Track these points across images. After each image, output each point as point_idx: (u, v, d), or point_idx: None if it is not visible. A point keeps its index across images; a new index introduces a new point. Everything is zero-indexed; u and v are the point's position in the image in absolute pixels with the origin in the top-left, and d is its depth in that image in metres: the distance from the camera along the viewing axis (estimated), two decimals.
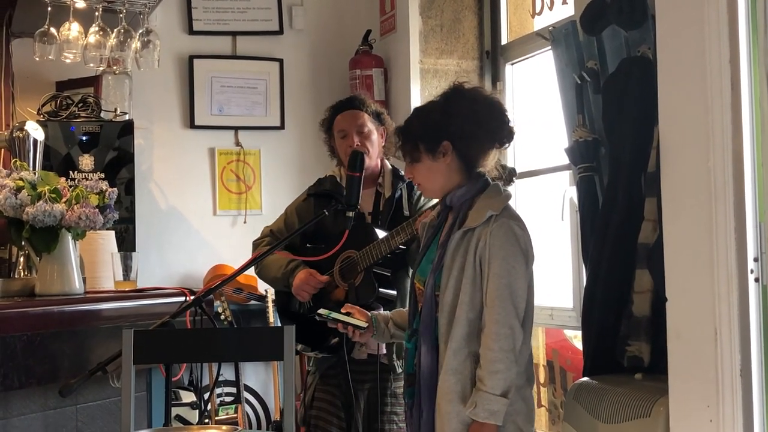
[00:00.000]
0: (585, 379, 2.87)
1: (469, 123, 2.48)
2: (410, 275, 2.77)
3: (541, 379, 4.11)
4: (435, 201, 2.73)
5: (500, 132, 2.54)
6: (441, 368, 2.44)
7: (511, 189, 2.64)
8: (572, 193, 3.39)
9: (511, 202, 2.55)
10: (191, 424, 3.95)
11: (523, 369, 2.45)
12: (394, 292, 3.05)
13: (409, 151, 2.52)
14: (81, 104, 4.16)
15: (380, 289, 3.00)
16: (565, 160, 3.32)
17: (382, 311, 2.86)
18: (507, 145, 2.60)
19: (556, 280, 3.81)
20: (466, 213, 2.48)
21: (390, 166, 3.27)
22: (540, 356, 4.14)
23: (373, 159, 3.18)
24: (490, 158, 2.54)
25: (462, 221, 2.48)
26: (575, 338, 3.88)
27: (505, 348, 2.34)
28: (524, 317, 2.43)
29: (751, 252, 2.20)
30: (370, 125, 3.19)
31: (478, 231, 2.43)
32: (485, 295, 2.40)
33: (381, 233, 3.01)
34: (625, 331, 2.79)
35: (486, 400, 2.33)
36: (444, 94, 2.57)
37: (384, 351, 3.08)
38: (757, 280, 2.21)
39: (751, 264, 2.20)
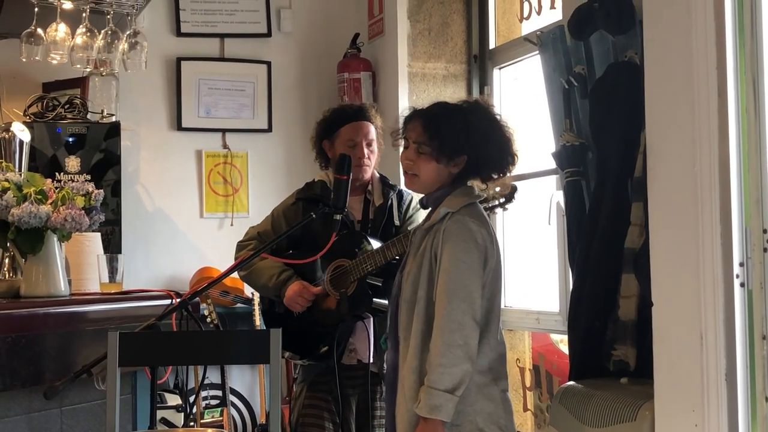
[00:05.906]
0: (571, 383, 2.88)
1: (492, 148, 2.49)
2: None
3: (527, 383, 4.11)
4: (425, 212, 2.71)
5: (509, 163, 2.55)
6: (400, 364, 2.45)
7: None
8: (559, 197, 3.39)
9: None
10: (176, 427, 3.93)
11: (486, 368, 2.41)
12: (387, 302, 3.03)
13: (426, 143, 2.47)
14: (67, 105, 4.13)
15: (374, 299, 2.98)
16: (552, 164, 3.33)
17: None
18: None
19: (543, 284, 3.81)
20: (433, 212, 2.52)
21: (378, 174, 3.24)
22: (526, 360, 4.14)
23: (369, 171, 3.17)
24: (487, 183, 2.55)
25: (427, 220, 2.53)
26: (561, 342, 3.88)
27: (450, 343, 2.30)
28: (489, 315, 2.42)
29: (736, 257, 2.21)
30: (376, 137, 3.19)
31: (435, 228, 2.46)
32: (435, 289, 2.39)
33: (375, 242, 2.98)
34: (611, 335, 2.79)
35: (428, 395, 2.29)
36: (471, 108, 2.54)
37: (373, 360, 3.06)
38: (742, 285, 2.22)
39: (736, 269, 2.21)
